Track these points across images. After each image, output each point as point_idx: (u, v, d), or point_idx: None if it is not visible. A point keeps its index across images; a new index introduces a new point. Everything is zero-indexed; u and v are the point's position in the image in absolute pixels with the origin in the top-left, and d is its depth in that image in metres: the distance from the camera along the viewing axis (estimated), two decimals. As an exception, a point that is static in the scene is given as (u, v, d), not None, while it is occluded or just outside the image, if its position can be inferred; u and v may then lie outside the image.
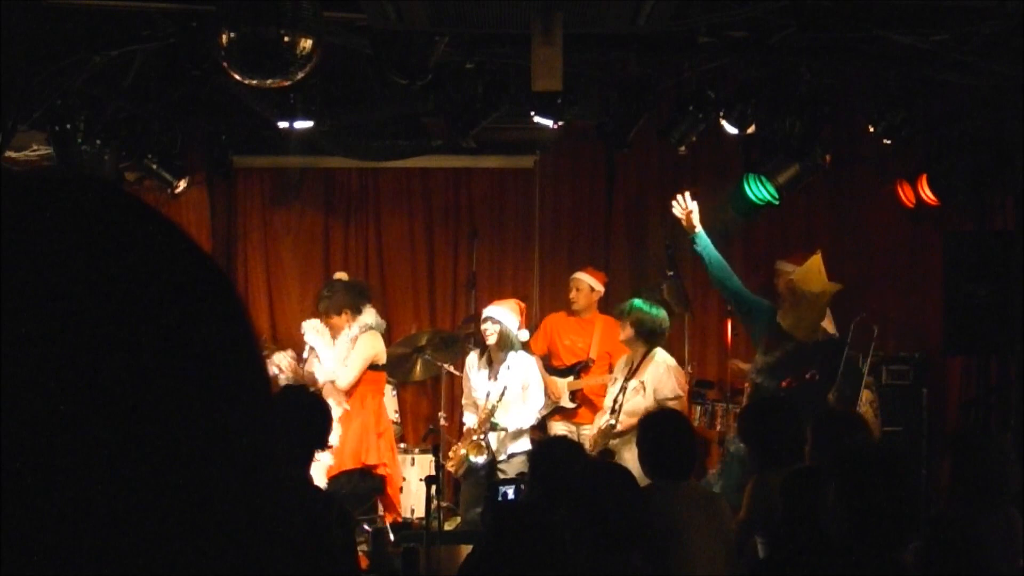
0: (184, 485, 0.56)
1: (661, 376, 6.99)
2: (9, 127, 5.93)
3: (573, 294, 7.89)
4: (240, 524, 0.59)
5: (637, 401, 6.89)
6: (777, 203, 7.46)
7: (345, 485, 7.29)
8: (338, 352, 7.43)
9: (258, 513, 0.60)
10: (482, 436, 7.30)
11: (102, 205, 0.60)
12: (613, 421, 6.90)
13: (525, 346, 7.48)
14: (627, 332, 7.03)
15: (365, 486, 7.47)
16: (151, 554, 0.55)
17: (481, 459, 7.25)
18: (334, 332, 7.49)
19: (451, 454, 7.47)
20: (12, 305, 0.54)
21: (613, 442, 6.90)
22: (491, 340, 7.33)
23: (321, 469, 7.11)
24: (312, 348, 7.50)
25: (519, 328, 7.41)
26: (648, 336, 6.99)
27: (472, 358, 7.62)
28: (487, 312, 7.42)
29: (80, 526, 0.53)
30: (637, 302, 7.14)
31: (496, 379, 7.35)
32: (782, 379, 6.76)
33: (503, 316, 7.35)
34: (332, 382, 7.39)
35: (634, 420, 6.37)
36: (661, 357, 7.07)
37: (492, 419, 7.26)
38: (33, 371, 0.53)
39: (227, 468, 0.58)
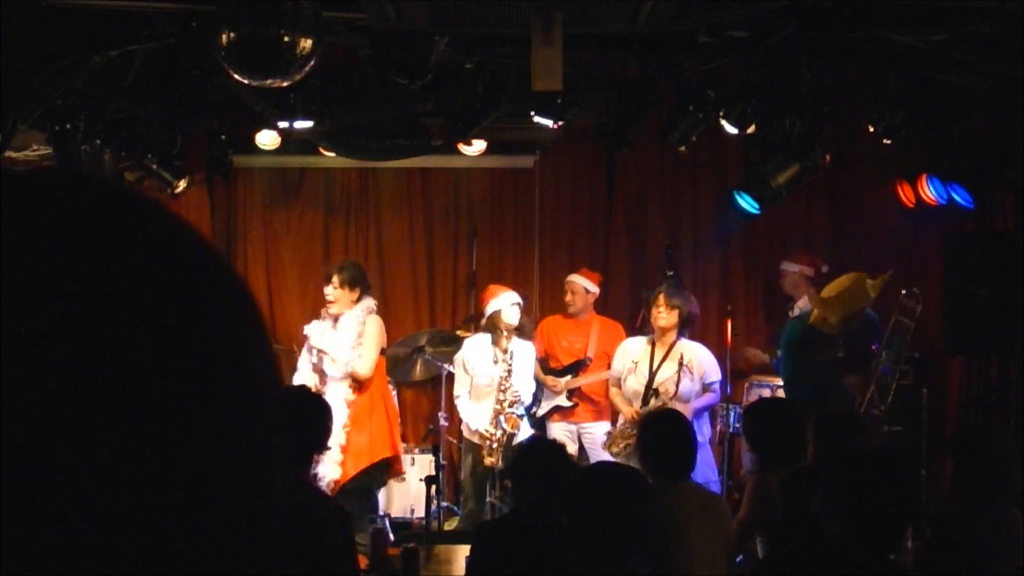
0: (183, 485, 0.56)
1: (708, 360, 7.20)
2: (9, 127, 5.94)
3: (569, 297, 7.88)
4: (239, 525, 0.59)
5: (685, 384, 7.02)
6: (757, 212, 7.53)
7: (377, 478, 7.29)
8: (345, 335, 7.15)
9: (257, 514, 0.60)
10: (512, 412, 7.32)
11: (102, 204, 0.60)
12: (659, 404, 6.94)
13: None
14: (672, 319, 7.08)
15: (386, 476, 7.43)
16: (150, 554, 0.55)
17: (521, 431, 7.27)
18: (336, 309, 7.35)
19: (482, 439, 7.39)
20: (11, 305, 0.54)
21: None
22: (515, 323, 7.36)
23: (333, 464, 7.08)
24: (319, 351, 7.22)
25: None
26: (688, 323, 7.18)
27: (476, 343, 7.54)
28: (516, 298, 7.41)
29: (79, 526, 0.53)
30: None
31: (506, 363, 7.36)
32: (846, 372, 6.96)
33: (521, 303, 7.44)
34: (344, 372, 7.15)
35: (686, 404, 6.77)
36: (692, 342, 7.26)
37: (518, 403, 7.31)
38: (33, 371, 0.53)
39: (227, 469, 0.58)
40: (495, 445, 7.30)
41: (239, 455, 0.59)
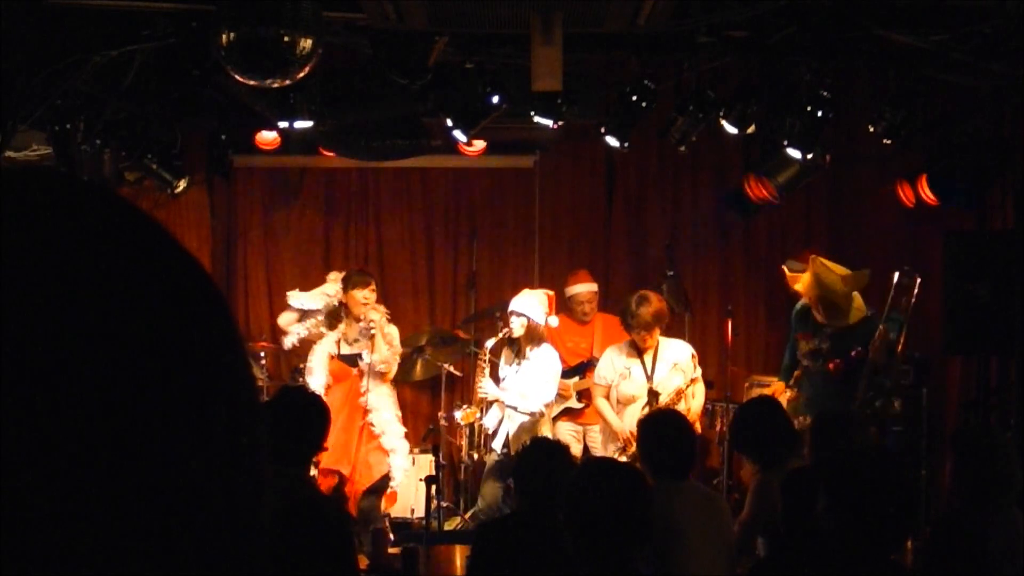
0: (179, 487, 0.56)
1: (688, 355, 7.17)
2: (9, 127, 5.94)
3: (588, 308, 7.88)
4: (234, 526, 0.59)
5: (676, 381, 7.05)
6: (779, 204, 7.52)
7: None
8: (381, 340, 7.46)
9: (252, 515, 0.60)
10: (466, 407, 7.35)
11: (86, 204, 0.59)
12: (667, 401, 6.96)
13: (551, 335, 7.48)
14: (655, 331, 7.06)
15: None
16: (146, 556, 0.55)
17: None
18: (359, 317, 7.47)
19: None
20: (9, 305, 0.54)
21: None
22: (518, 332, 7.29)
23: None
24: (374, 337, 7.39)
25: (548, 315, 7.38)
26: (661, 319, 7.17)
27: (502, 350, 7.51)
28: (511, 306, 7.37)
29: (75, 527, 0.53)
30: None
31: (518, 362, 7.34)
32: (829, 362, 6.94)
33: (527, 309, 7.32)
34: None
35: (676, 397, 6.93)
36: (671, 340, 7.26)
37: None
38: (28, 373, 0.53)
39: (223, 469, 0.58)
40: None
41: (235, 455, 0.59)
